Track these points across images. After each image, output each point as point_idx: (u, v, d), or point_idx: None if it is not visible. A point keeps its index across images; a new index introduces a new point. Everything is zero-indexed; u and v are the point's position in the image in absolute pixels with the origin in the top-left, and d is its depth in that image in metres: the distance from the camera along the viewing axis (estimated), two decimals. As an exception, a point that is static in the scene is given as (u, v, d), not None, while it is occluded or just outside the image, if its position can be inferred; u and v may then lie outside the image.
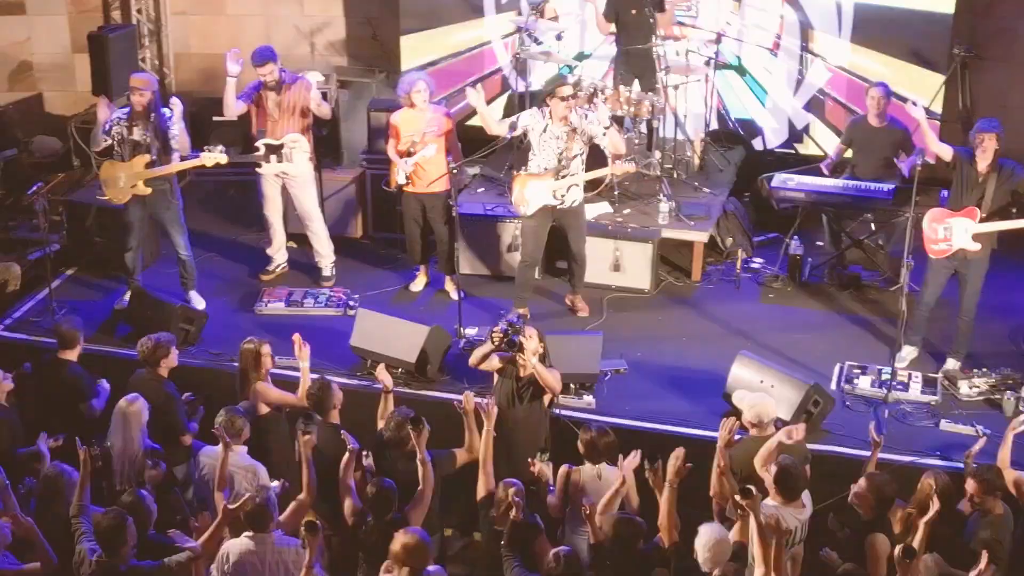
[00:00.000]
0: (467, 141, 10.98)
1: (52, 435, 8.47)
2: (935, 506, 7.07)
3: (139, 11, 13.57)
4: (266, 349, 8.67)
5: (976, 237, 9.29)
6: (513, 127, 10.05)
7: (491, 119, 10.22)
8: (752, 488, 6.71)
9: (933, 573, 7.24)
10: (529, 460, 8.02)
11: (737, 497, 6.72)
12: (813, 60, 12.42)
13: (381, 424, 8.26)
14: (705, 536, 6.98)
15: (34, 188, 10.42)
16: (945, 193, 9.67)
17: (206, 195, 12.73)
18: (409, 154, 10.43)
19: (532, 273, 10.43)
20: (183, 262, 10.65)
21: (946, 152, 9.47)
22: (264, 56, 10.53)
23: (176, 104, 10.30)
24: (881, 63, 12.05)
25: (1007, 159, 9.35)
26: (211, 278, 11.08)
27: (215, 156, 10.22)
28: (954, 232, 9.33)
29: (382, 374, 8.56)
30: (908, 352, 9.71)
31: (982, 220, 9.26)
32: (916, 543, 6.84)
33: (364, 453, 8.00)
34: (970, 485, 7.46)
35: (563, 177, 9.92)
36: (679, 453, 7.26)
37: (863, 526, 7.37)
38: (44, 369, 9.08)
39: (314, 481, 7.62)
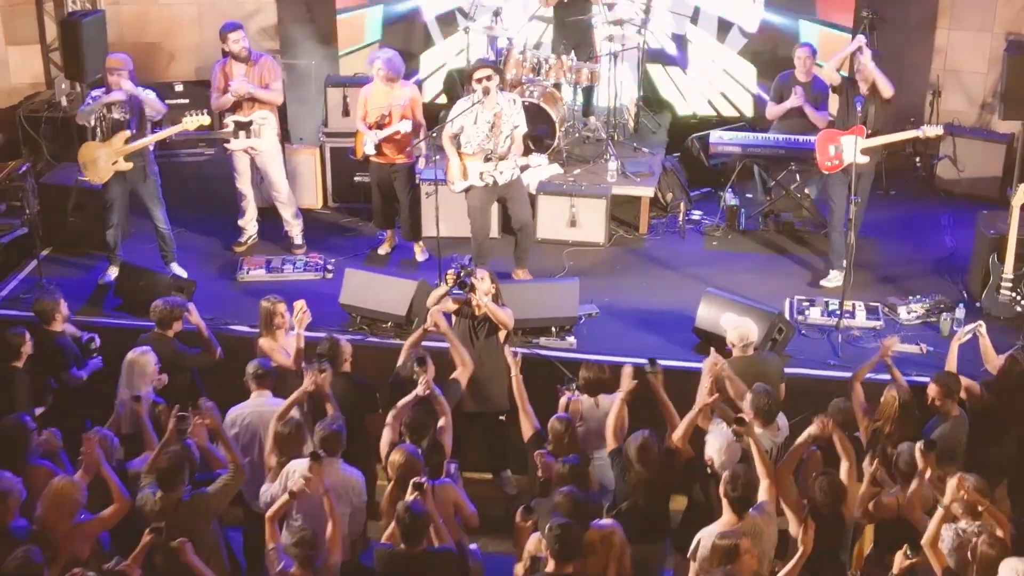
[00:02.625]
0: (429, 118, 11.63)
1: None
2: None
3: (73, 1, 13.86)
4: (280, 307, 9.24)
5: (864, 151, 10.37)
6: (456, 134, 10.52)
7: (455, 156, 10.60)
8: (745, 417, 7.61)
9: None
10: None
11: (734, 427, 7.61)
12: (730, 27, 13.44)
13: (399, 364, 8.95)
14: (717, 442, 7.84)
15: (23, 168, 10.78)
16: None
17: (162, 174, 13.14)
18: (379, 127, 11.04)
19: (485, 243, 10.94)
20: (162, 235, 11.11)
21: (835, 78, 10.73)
22: (233, 25, 11.15)
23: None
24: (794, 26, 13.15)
25: None
26: (185, 251, 11.51)
27: (197, 119, 10.69)
28: (844, 149, 10.45)
29: (437, 317, 9.06)
30: (834, 276, 10.77)
31: (868, 136, 10.38)
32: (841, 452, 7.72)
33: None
34: (932, 389, 8.40)
35: (488, 160, 10.47)
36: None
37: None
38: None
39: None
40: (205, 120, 10.74)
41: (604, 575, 7.17)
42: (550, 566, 6.92)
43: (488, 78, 10.23)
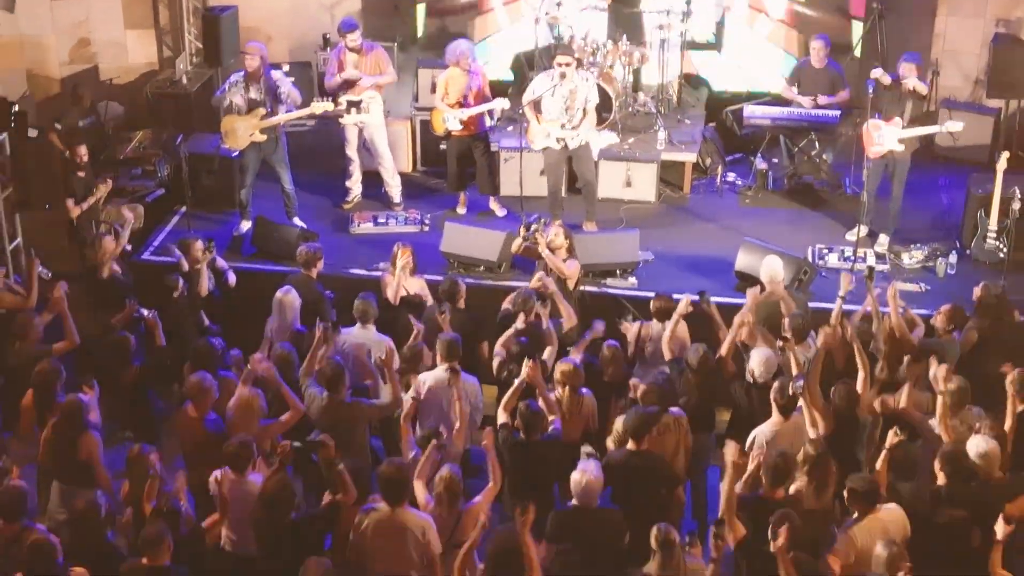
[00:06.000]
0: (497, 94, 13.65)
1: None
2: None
3: (190, -9, 15.99)
4: (401, 252, 11.29)
5: (900, 140, 12.44)
6: (536, 100, 12.68)
7: (535, 120, 12.76)
8: (788, 335, 9.73)
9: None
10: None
11: (779, 342, 9.71)
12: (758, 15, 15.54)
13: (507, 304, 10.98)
14: (758, 356, 9.86)
15: (179, 139, 12.93)
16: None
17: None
18: (460, 105, 13.14)
19: (558, 195, 13.15)
20: (287, 194, 13.23)
21: (886, 79, 12.58)
22: (351, 25, 13.20)
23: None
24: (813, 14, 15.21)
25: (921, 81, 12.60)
26: (302, 208, 13.55)
27: (323, 105, 12.82)
28: (885, 137, 12.46)
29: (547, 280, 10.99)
30: (862, 230, 12.71)
31: (904, 128, 12.42)
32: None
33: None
34: (938, 317, 10.41)
35: (563, 127, 12.65)
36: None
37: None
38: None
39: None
40: (329, 106, 12.87)
41: (676, 448, 9.36)
42: (630, 444, 8.96)
43: (567, 64, 12.39)
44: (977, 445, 8.49)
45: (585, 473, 8.30)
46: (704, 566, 8.05)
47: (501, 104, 13.12)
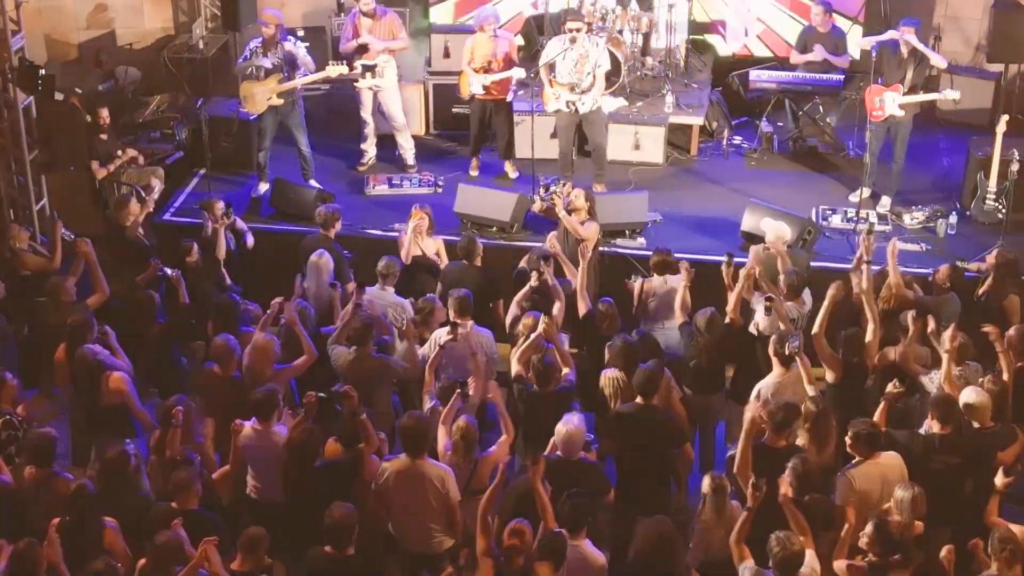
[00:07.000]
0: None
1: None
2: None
3: (205, -42, 16.24)
4: (415, 213, 11.65)
5: (901, 106, 12.77)
6: (550, 63, 13.04)
7: (548, 83, 13.14)
8: (773, 296, 10.05)
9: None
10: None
11: (766, 302, 10.03)
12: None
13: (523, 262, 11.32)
14: (760, 310, 10.29)
15: (199, 103, 13.27)
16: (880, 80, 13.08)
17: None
18: (485, 71, 13.46)
19: (568, 157, 13.51)
20: (304, 156, 13.56)
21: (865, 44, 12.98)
22: None
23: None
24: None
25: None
26: (318, 170, 13.87)
27: (338, 68, 13.15)
28: (886, 102, 12.79)
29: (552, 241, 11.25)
30: (865, 191, 13.08)
31: (904, 94, 12.74)
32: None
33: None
34: (938, 275, 10.70)
35: (573, 91, 13.02)
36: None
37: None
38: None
39: None
40: (344, 69, 13.18)
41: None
42: (639, 400, 9.25)
43: (577, 30, 12.70)
44: (967, 396, 8.83)
45: (567, 424, 8.64)
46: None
47: (518, 74, 13.40)
